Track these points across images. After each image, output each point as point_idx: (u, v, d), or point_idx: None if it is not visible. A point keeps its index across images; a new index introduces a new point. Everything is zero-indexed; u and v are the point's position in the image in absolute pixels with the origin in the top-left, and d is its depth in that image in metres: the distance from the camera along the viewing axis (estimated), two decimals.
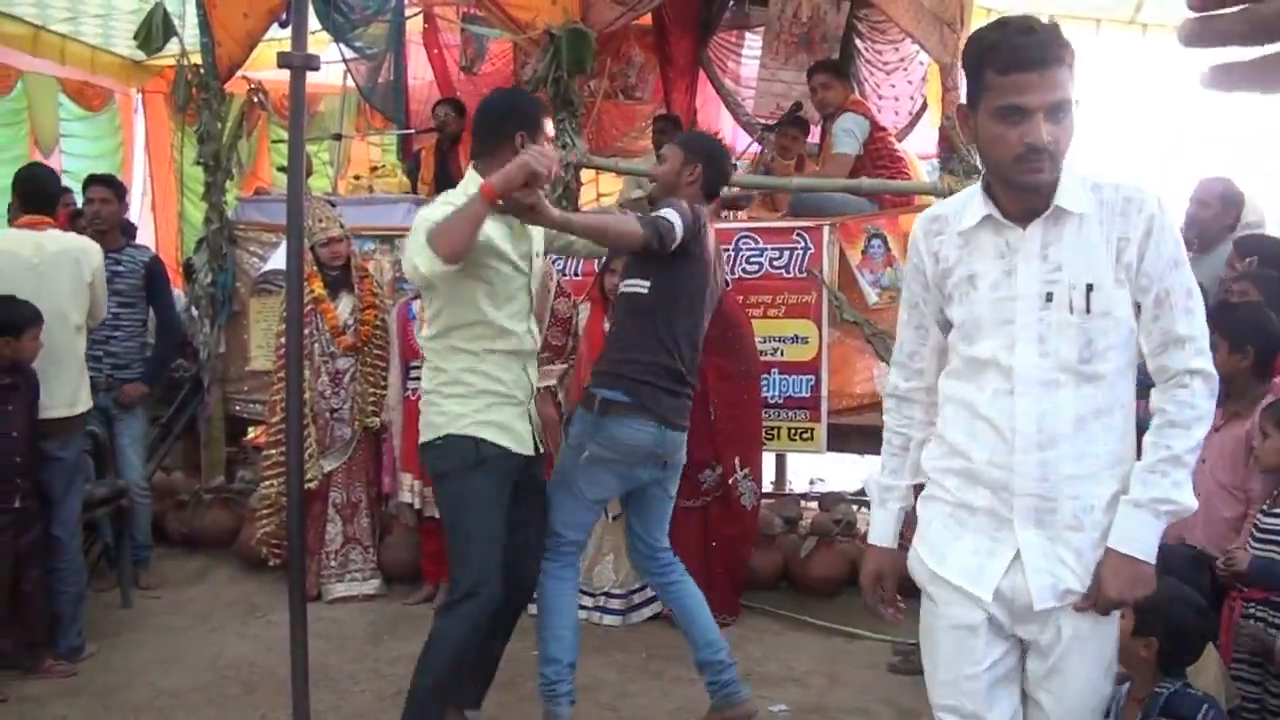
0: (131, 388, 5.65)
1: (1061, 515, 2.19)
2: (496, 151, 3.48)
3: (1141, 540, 2.16)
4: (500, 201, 3.23)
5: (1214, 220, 5.12)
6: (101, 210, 5.72)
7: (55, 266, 4.73)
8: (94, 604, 5.28)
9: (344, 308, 5.55)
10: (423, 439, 3.62)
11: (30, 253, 4.70)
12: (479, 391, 3.52)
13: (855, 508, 6.16)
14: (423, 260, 3.25)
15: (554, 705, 3.75)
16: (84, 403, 4.84)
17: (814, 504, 6.43)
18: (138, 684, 4.48)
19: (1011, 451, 2.20)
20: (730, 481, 5.10)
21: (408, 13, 8.28)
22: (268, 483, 5.55)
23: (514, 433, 3.58)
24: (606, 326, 5.09)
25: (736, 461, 5.11)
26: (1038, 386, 2.19)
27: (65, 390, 4.73)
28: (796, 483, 7.72)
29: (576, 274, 5.69)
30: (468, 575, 3.48)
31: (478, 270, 3.44)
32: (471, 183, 3.46)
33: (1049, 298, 2.18)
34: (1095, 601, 2.18)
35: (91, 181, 5.93)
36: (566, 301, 5.36)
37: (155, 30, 6.51)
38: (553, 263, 5.56)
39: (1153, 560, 2.17)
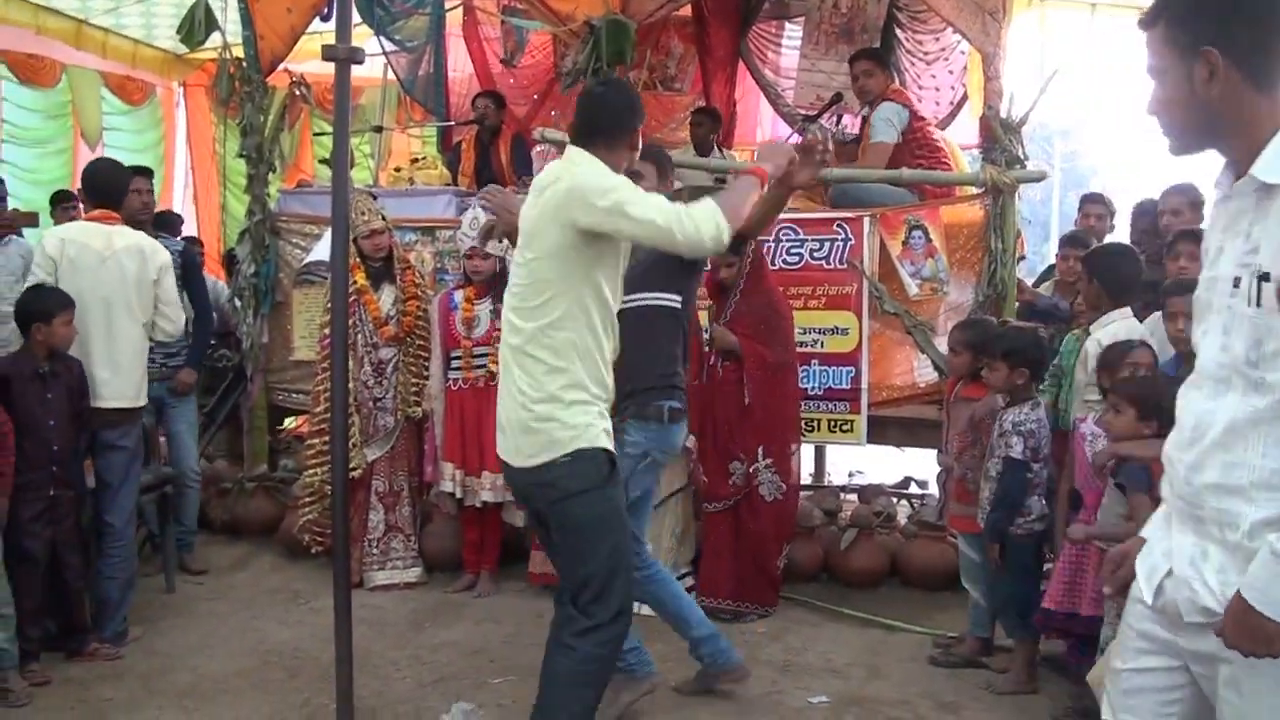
0: (185, 374, 5.73)
1: (1208, 526, 1.96)
2: (616, 143, 3.33)
3: (1271, 595, 1.80)
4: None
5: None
6: (149, 201, 5.84)
7: (122, 261, 4.77)
8: (138, 589, 5.34)
9: (386, 299, 5.58)
10: (544, 458, 3.21)
11: (101, 245, 4.74)
12: (594, 396, 3.26)
13: (895, 500, 6.15)
14: (722, 230, 3.12)
15: (733, 662, 4.11)
16: (144, 395, 4.91)
17: (853, 496, 6.42)
18: (181, 668, 4.54)
19: (1177, 446, 2.03)
20: (751, 470, 5.09)
21: (448, 6, 8.29)
22: (311, 471, 5.61)
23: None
24: None
25: (760, 450, 5.09)
26: (1211, 383, 1.98)
27: (129, 383, 4.79)
28: (836, 475, 7.70)
29: None
30: (612, 602, 3.26)
31: (616, 255, 3.33)
32: (589, 163, 3.26)
33: (1236, 283, 1.92)
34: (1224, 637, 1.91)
35: (134, 173, 5.98)
36: None
37: (197, 24, 6.55)
38: None
39: None
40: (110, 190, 5.01)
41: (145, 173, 6.08)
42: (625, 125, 3.38)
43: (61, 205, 6.92)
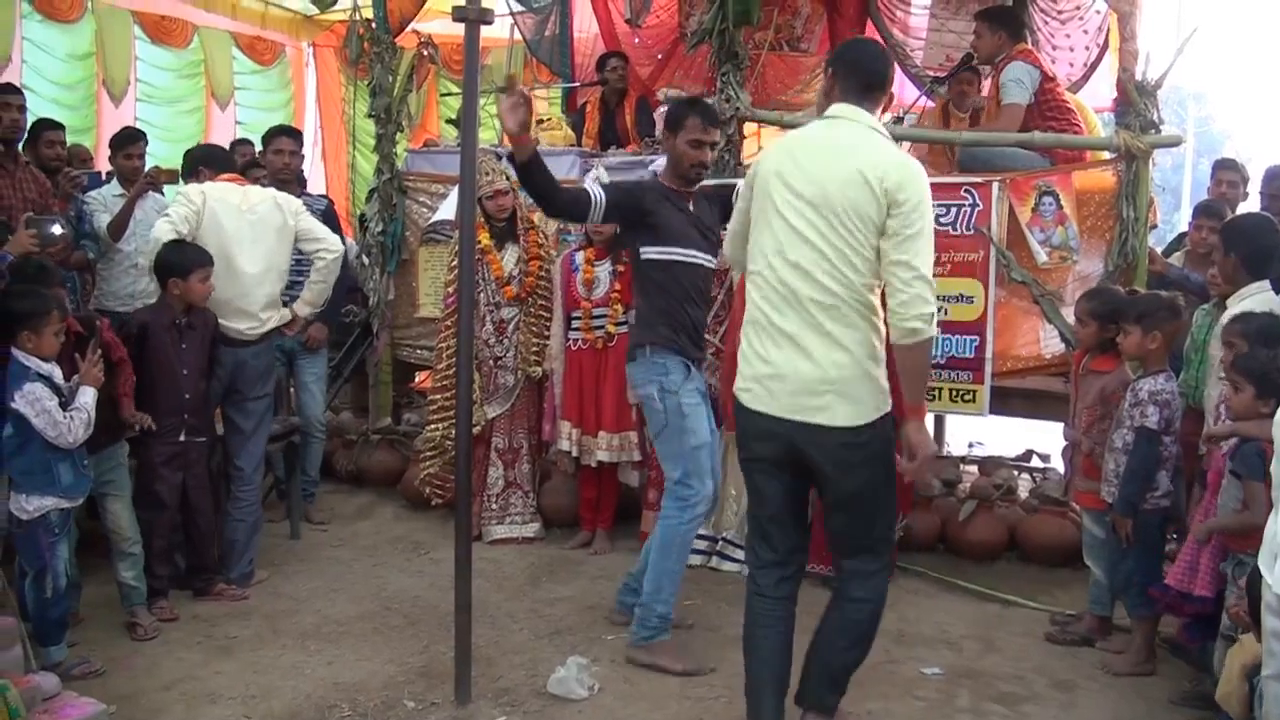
0: (317, 329, 5.88)
1: None
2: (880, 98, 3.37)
3: None
4: None
5: None
6: (291, 162, 6.00)
7: (260, 211, 4.94)
8: (265, 535, 5.54)
9: (509, 258, 5.64)
10: (863, 420, 3.20)
11: (238, 200, 4.93)
12: None
13: (1016, 473, 6.04)
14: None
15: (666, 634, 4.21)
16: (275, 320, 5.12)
17: (973, 467, 6.33)
18: (305, 611, 4.70)
19: None
20: None
21: None
22: (433, 426, 5.74)
23: None
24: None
25: None
26: None
27: (264, 324, 5.00)
28: (956, 445, 7.59)
29: None
30: (888, 547, 3.53)
31: None
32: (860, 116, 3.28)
33: None
34: None
35: (278, 133, 6.14)
36: None
37: None
38: None
39: None
40: (224, 160, 5.36)
41: (289, 132, 6.24)
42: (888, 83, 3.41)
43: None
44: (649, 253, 4.22)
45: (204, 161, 5.36)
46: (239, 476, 4.96)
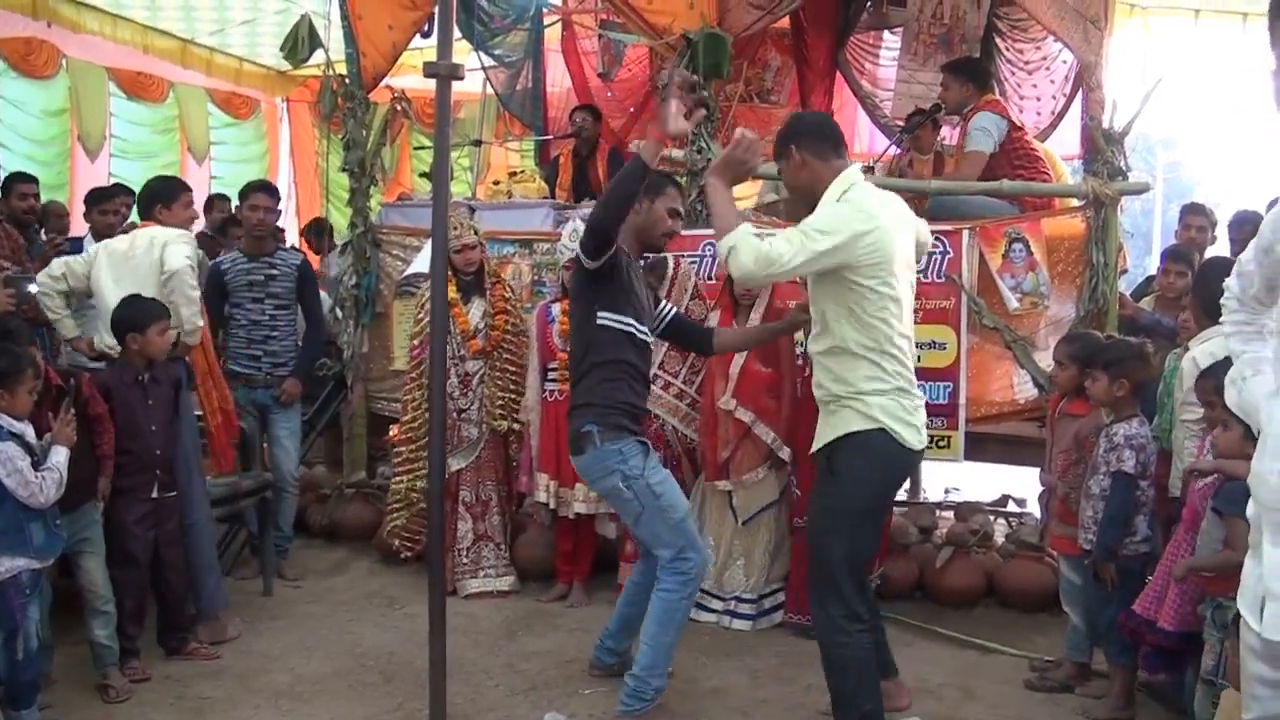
0: (291, 384, 5.89)
1: None
2: None
3: None
4: None
5: None
6: (266, 219, 5.96)
7: (138, 256, 4.91)
8: (237, 591, 5.51)
9: (475, 312, 5.66)
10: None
11: (126, 246, 4.94)
12: None
13: (992, 518, 6.04)
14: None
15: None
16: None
17: (949, 513, 6.33)
18: (278, 669, 4.63)
19: (1269, 457, 2.07)
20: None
21: (546, 21, 8.39)
22: (398, 479, 5.74)
23: None
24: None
25: None
26: None
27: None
28: (932, 491, 7.59)
29: (710, 278, 5.68)
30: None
31: None
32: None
33: None
34: None
35: (255, 189, 6.11)
36: (701, 305, 5.38)
37: (301, 42, 6.72)
38: (692, 264, 5.60)
39: None
40: (156, 194, 5.21)
41: (266, 188, 6.17)
42: None
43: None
44: (607, 319, 4.03)
45: (158, 199, 5.22)
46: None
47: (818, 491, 3.76)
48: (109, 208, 6.07)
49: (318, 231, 9.30)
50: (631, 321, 4.04)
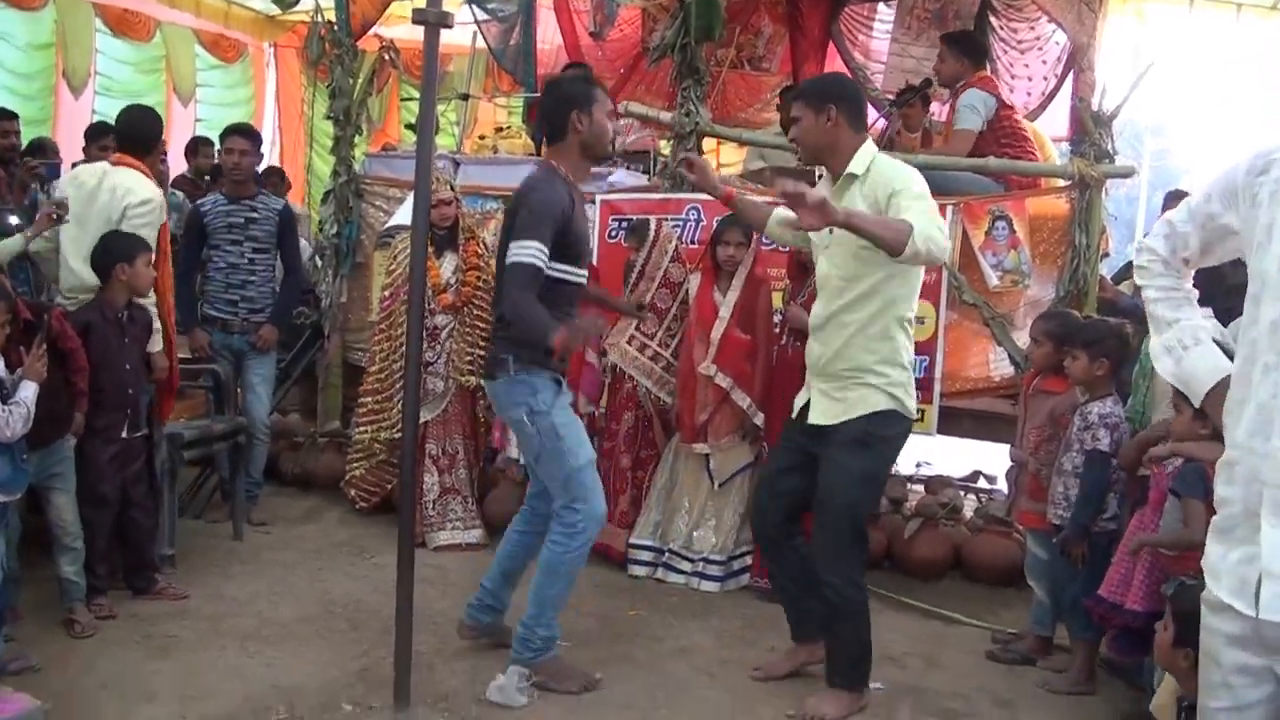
0: (268, 330, 5.87)
1: None
2: None
3: None
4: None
5: None
6: (241, 162, 5.84)
7: (103, 197, 4.71)
8: (208, 535, 5.55)
9: (447, 266, 5.66)
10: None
11: (95, 182, 4.74)
12: None
13: (962, 493, 6.09)
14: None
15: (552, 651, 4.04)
16: None
17: (920, 486, 6.38)
18: (246, 613, 4.64)
19: (1269, 436, 1.98)
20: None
21: None
22: (361, 429, 5.77)
23: None
24: (715, 296, 5.11)
25: None
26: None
27: None
28: (904, 464, 7.62)
29: (692, 242, 5.67)
30: None
31: None
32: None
33: None
34: None
35: (231, 132, 6.05)
36: (680, 268, 5.38)
37: None
38: (675, 229, 5.59)
39: None
40: (132, 137, 4.95)
41: (244, 132, 6.07)
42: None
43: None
44: (555, 269, 3.83)
45: (117, 134, 5.06)
46: None
47: (843, 462, 3.79)
48: (108, 143, 5.98)
49: (279, 180, 9.20)
50: (574, 269, 3.92)
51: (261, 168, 7.12)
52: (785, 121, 7.34)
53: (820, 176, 4.17)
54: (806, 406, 3.96)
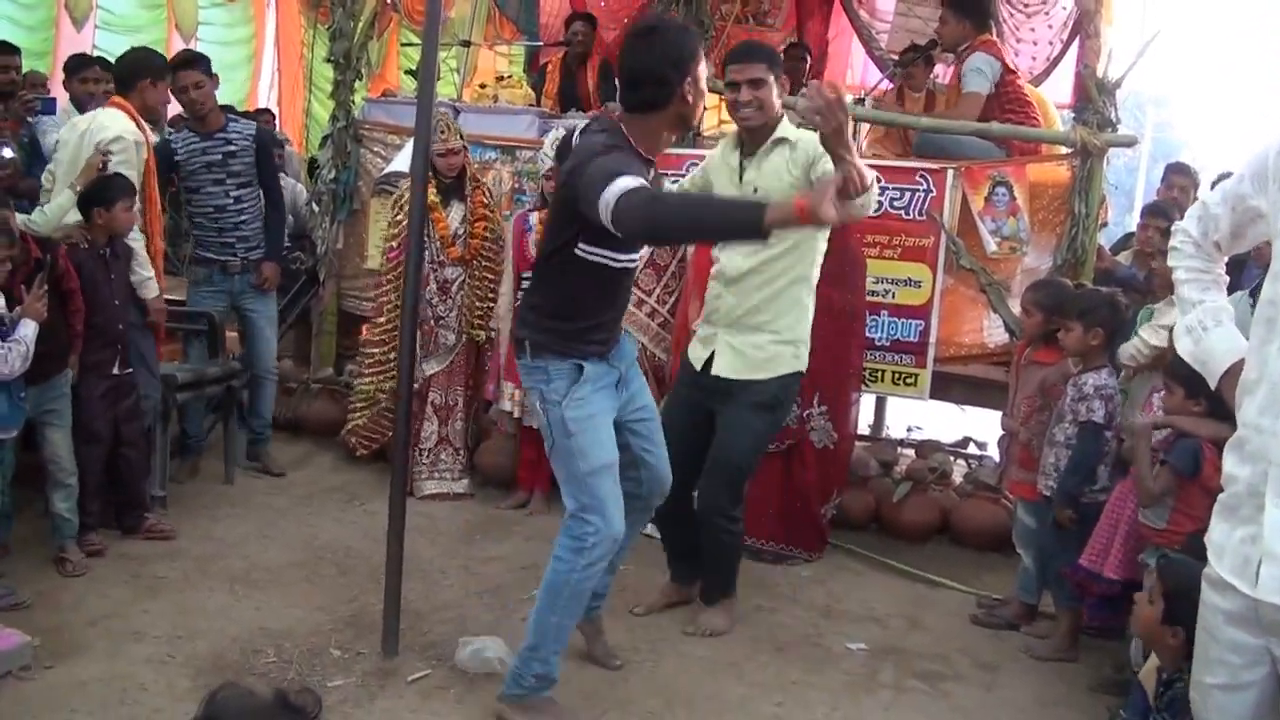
0: (269, 268, 5.75)
1: None
2: None
3: None
4: None
5: None
6: (198, 96, 5.40)
7: (87, 137, 4.71)
8: (200, 479, 5.55)
9: (454, 217, 5.60)
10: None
11: (85, 125, 4.78)
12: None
13: (952, 458, 6.11)
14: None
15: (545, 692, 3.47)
16: None
17: (910, 450, 6.39)
18: (235, 555, 4.66)
19: (1267, 412, 1.98)
20: (804, 416, 5.06)
21: None
22: (366, 379, 5.74)
23: None
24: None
25: (815, 397, 5.06)
26: None
27: None
28: (895, 428, 7.65)
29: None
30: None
31: None
32: None
33: None
34: None
35: (177, 67, 5.39)
36: None
37: None
38: (674, 184, 5.54)
39: None
40: (117, 75, 5.08)
41: (188, 61, 5.54)
42: None
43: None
44: (589, 253, 3.21)
45: (143, 73, 4.96)
46: None
47: (749, 422, 4.06)
48: (89, 75, 5.91)
49: (270, 121, 9.15)
50: (613, 254, 3.22)
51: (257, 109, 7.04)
52: (792, 76, 7.32)
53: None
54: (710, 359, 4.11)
